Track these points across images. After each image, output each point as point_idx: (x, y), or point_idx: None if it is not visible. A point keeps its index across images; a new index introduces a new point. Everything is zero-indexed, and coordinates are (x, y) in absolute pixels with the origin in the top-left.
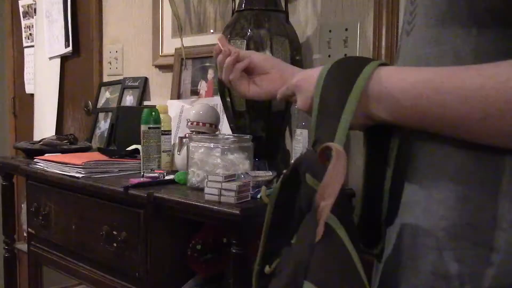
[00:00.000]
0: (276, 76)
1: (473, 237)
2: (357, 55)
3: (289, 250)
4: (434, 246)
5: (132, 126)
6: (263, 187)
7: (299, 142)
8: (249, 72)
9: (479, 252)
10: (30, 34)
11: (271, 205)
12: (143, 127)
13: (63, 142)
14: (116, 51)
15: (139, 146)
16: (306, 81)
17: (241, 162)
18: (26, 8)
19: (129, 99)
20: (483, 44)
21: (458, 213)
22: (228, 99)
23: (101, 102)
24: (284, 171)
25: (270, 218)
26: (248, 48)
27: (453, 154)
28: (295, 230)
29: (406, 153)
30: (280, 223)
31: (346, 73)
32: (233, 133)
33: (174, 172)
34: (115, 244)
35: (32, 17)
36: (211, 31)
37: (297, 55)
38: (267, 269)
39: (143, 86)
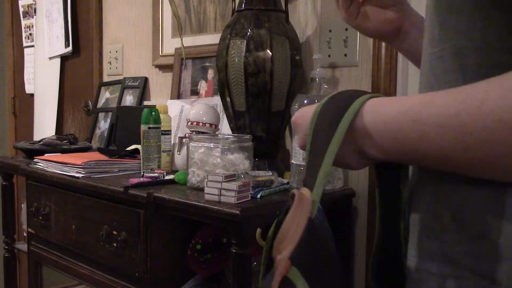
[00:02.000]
0: (394, 16)
1: (475, 266)
2: (357, 55)
3: None
4: (437, 272)
5: (132, 126)
6: (258, 230)
7: None
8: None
9: (480, 283)
10: (30, 34)
11: (267, 246)
12: (143, 127)
13: (63, 142)
14: (116, 51)
15: (139, 146)
16: (303, 118)
17: (241, 162)
18: (26, 8)
19: (129, 99)
20: (489, 40)
21: (459, 240)
22: (228, 99)
23: (101, 102)
24: (278, 212)
25: (266, 257)
26: (247, 48)
27: (456, 179)
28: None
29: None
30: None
31: (335, 110)
32: (233, 133)
33: (174, 172)
34: (115, 244)
35: (32, 17)
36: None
37: (297, 55)
38: None
39: (143, 86)
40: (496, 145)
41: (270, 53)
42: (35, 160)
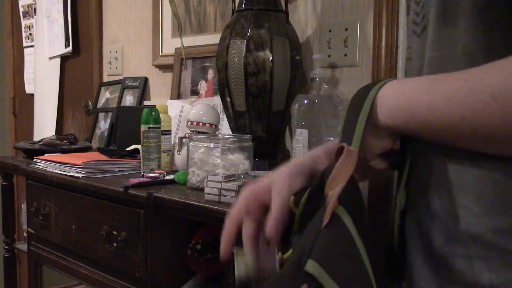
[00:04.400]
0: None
1: (504, 244)
2: (357, 55)
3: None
4: (463, 254)
5: (132, 126)
6: (292, 197)
7: (299, 142)
8: None
9: (509, 259)
10: (30, 34)
11: (299, 214)
12: (143, 127)
13: (63, 142)
14: (116, 51)
15: (139, 146)
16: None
17: (241, 162)
18: (26, 8)
19: (129, 99)
20: (493, 42)
21: (486, 219)
22: (228, 99)
23: (101, 102)
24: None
25: (298, 220)
26: (247, 48)
27: (473, 163)
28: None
29: (419, 170)
30: (306, 224)
31: (363, 91)
32: (233, 133)
33: (174, 172)
34: (115, 244)
35: (32, 17)
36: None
37: (297, 55)
38: (279, 255)
39: (143, 86)
40: (488, 117)
41: (270, 53)
42: (35, 160)
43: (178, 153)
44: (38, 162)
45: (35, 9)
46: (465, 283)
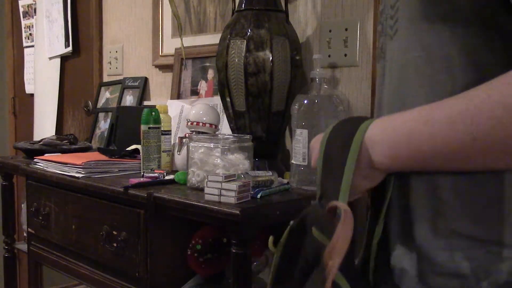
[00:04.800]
0: None
1: (481, 234)
2: (357, 55)
3: None
4: (445, 247)
5: (132, 126)
6: (271, 237)
7: (299, 142)
8: None
9: (490, 249)
10: (30, 34)
11: (278, 252)
12: (143, 127)
13: (63, 142)
14: (116, 51)
15: (139, 146)
16: (317, 141)
17: (241, 162)
18: (26, 8)
19: (129, 99)
20: (472, 44)
21: (464, 213)
22: (228, 99)
23: (101, 102)
24: (292, 222)
25: (277, 263)
26: (247, 48)
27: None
28: (300, 280)
29: (399, 184)
30: (286, 268)
31: (347, 129)
32: (233, 133)
33: (174, 172)
34: (115, 244)
35: (32, 17)
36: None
37: (297, 55)
38: None
39: (143, 86)
40: (503, 131)
41: (270, 53)
42: (35, 160)
43: (178, 153)
44: (38, 162)
45: (35, 9)
46: (446, 273)
